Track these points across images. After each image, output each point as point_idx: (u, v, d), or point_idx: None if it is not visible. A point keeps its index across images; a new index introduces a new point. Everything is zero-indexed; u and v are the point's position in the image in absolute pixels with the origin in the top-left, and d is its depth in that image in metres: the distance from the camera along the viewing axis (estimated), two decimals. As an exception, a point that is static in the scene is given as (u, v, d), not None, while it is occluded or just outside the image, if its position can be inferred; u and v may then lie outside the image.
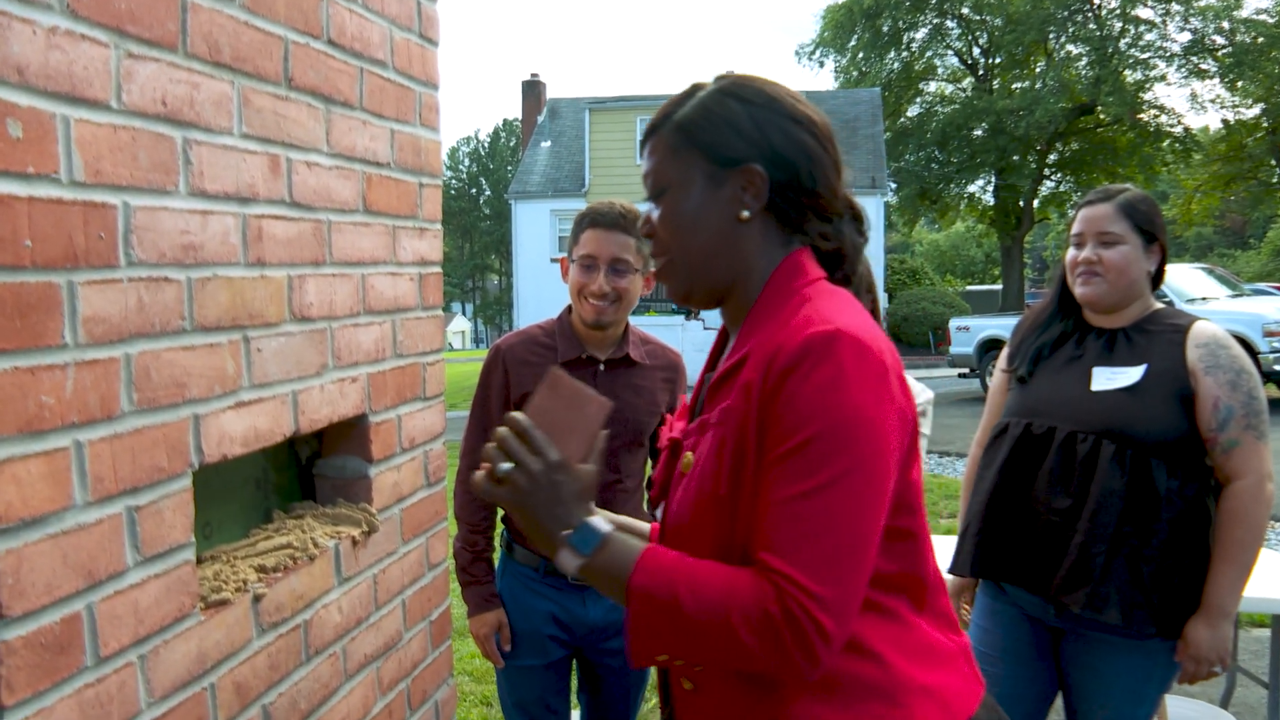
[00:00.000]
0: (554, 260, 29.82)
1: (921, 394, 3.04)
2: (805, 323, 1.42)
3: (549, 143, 34.75)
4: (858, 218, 1.65)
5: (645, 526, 1.87)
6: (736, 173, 1.54)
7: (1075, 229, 2.88)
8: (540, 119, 36.01)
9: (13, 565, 1.22)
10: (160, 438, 1.48)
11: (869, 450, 1.36)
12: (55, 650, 1.29)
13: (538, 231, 32.60)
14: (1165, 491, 2.59)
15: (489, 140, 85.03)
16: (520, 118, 38.48)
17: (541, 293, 29.93)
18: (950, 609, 1.60)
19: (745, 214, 1.54)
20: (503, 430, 1.45)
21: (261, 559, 1.80)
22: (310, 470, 2.13)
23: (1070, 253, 2.89)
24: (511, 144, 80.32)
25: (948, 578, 3.21)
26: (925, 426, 3.01)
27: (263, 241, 1.71)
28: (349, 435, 2.09)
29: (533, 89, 37.71)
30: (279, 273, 1.76)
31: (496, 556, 3.22)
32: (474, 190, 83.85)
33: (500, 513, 3.38)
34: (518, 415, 1.45)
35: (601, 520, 1.46)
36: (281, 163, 1.76)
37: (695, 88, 1.61)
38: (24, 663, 1.24)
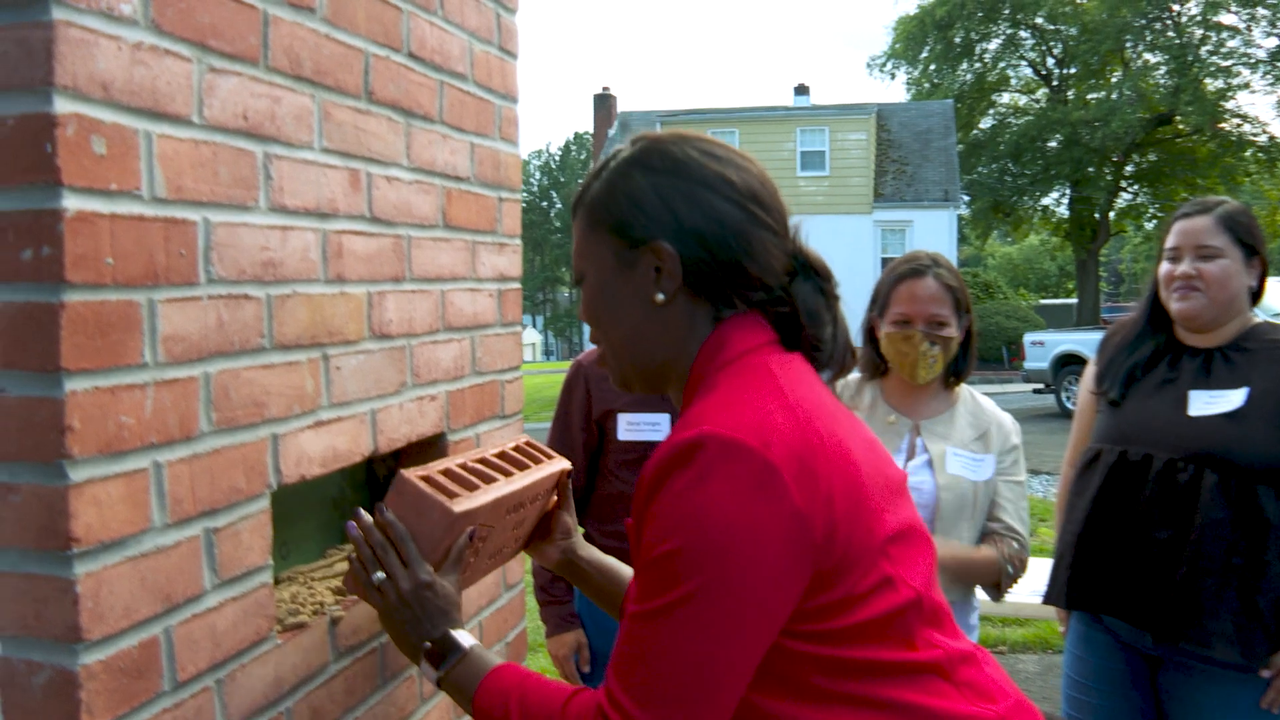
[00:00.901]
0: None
1: (1014, 435, 2.95)
2: (683, 425, 1.31)
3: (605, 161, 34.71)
4: (816, 272, 1.48)
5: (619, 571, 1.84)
6: (646, 252, 1.42)
7: (1170, 243, 2.77)
8: (611, 132, 36.11)
9: (92, 588, 1.20)
10: (239, 458, 1.45)
11: (729, 569, 1.23)
12: (134, 675, 1.26)
13: (608, 245, 32.61)
14: (1276, 519, 2.47)
15: (560, 153, 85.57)
16: (591, 131, 38.60)
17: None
18: (985, 676, 1.41)
19: (660, 297, 1.42)
20: (380, 539, 1.52)
21: (339, 580, 1.77)
22: (387, 488, 2.10)
23: (1164, 267, 2.78)
24: (582, 157, 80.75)
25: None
26: (1020, 473, 2.93)
27: (343, 258, 1.68)
28: (427, 454, 2.05)
29: (604, 102, 37.87)
30: (359, 289, 1.73)
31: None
32: (545, 203, 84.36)
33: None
34: (394, 521, 1.53)
35: (463, 636, 1.50)
36: (362, 177, 1.73)
37: (612, 156, 1.50)
38: (103, 687, 1.21)
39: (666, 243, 1.40)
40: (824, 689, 1.31)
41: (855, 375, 3.04)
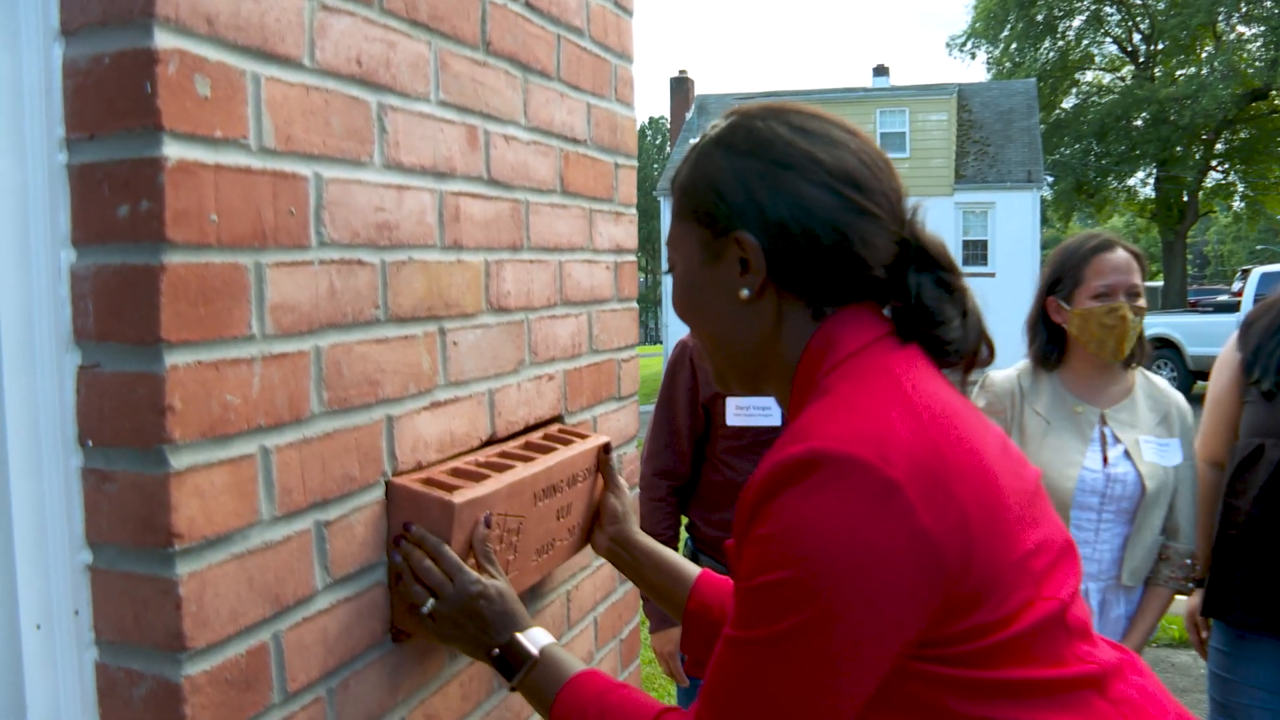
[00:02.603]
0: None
1: (1189, 415, 2.83)
2: (790, 438, 1.13)
3: (696, 139, 34.44)
4: (937, 262, 1.26)
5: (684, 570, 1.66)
6: (730, 242, 1.23)
7: None
8: (689, 116, 35.79)
9: (196, 590, 1.05)
10: (352, 443, 1.30)
11: (843, 603, 1.06)
12: (242, 686, 1.12)
13: (685, 228, 32.35)
14: None
15: (636, 138, 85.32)
16: (668, 115, 38.26)
17: (687, 289, 29.72)
18: (1139, 689, 1.22)
19: (745, 293, 1.23)
20: (422, 561, 1.36)
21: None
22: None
23: None
24: (658, 141, 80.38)
25: (1177, 600, 2.90)
26: (1194, 455, 2.81)
27: (460, 222, 1.53)
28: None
29: (681, 86, 37.56)
30: (476, 257, 1.57)
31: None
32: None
33: (685, 520, 3.19)
34: (425, 535, 1.37)
35: (531, 639, 1.37)
36: (479, 135, 1.58)
37: (707, 132, 1.33)
38: (209, 700, 1.07)
39: (749, 234, 1.22)
40: (961, 714, 1.14)
41: (1024, 365, 2.88)
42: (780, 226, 1.20)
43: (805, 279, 1.23)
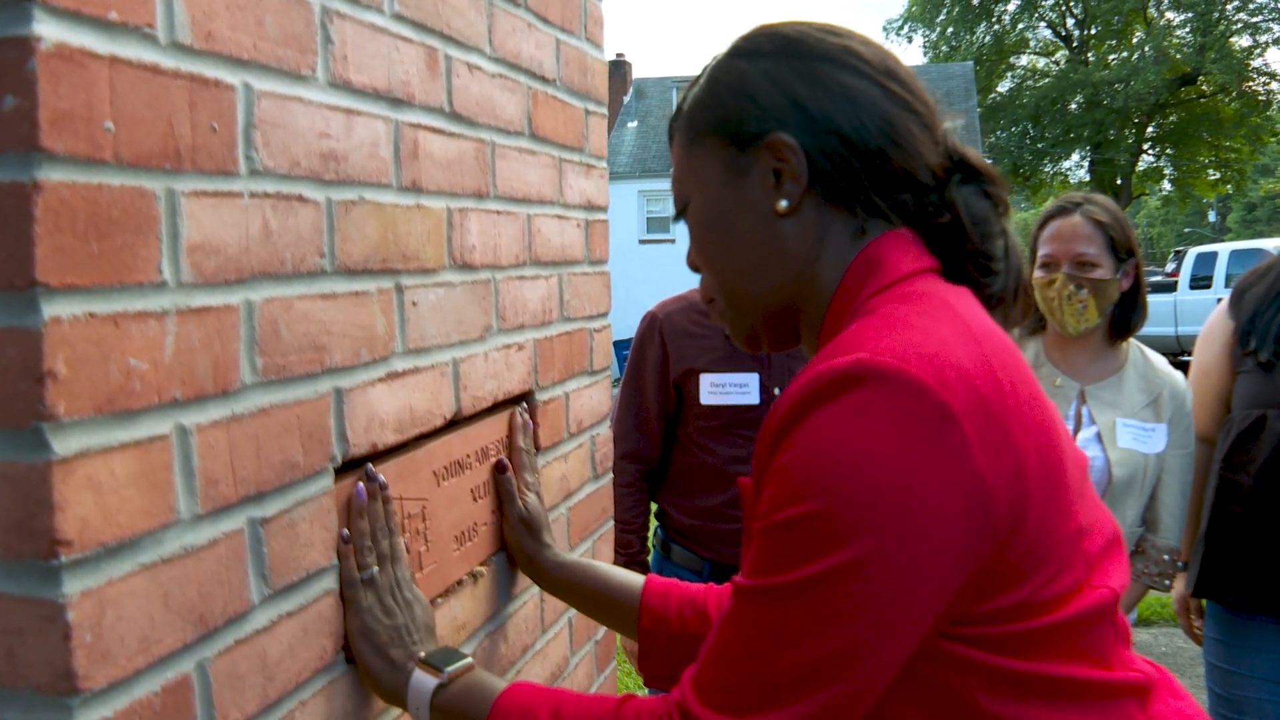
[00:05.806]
0: (643, 241, 29.71)
1: (1187, 399, 2.60)
2: (830, 352, 0.97)
3: (635, 123, 34.27)
4: (980, 174, 1.13)
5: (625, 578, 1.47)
6: (760, 151, 1.09)
7: None
8: (626, 99, 35.55)
9: (92, 613, 0.81)
10: (293, 420, 1.06)
11: (885, 543, 0.90)
12: (155, 732, 0.88)
13: (626, 212, 32.13)
14: None
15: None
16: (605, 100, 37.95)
17: (630, 273, 29.42)
18: (1176, 711, 1.05)
19: (783, 204, 1.08)
20: (381, 518, 1.19)
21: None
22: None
23: None
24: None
25: (1165, 597, 2.73)
26: (1190, 442, 2.60)
27: (419, 160, 1.28)
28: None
29: (618, 69, 37.22)
30: (437, 203, 1.33)
31: (650, 558, 2.81)
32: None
33: (654, 508, 2.97)
34: (389, 500, 1.21)
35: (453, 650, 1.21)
36: (440, 59, 1.33)
37: (711, 60, 1.19)
38: (111, 754, 0.82)
39: (785, 134, 1.08)
40: (988, 712, 0.96)
41: (1014, 333, 2.69)
42: (823, 121, 1.08)
43: (850, 184, 1.09)
